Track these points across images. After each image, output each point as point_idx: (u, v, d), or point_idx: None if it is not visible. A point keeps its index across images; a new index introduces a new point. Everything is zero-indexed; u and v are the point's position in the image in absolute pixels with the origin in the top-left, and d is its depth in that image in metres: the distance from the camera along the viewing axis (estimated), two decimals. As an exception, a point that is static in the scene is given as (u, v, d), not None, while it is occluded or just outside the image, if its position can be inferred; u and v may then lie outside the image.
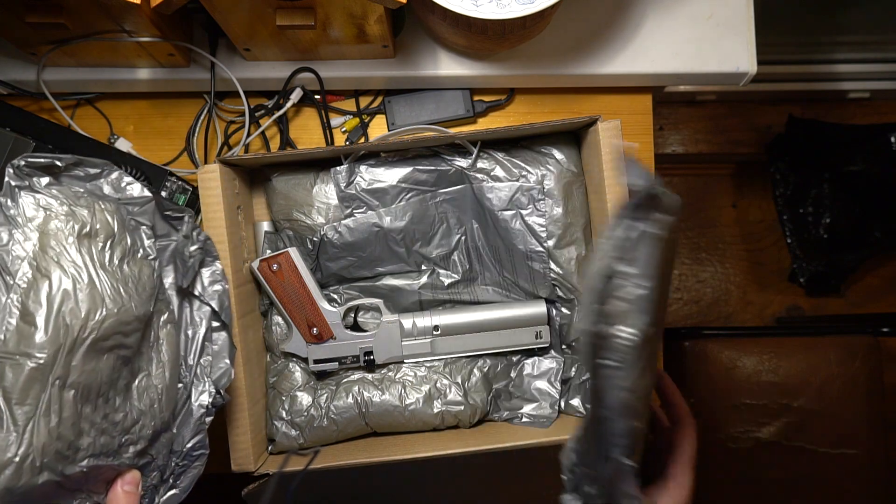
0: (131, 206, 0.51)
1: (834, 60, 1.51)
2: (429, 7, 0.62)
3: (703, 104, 1.63)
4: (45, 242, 0.43)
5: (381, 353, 0.69)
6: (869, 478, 1.11)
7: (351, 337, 0.69)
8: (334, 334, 0.69)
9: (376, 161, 0.70)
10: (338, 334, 0.69)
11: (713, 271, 1.67)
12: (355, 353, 0.69)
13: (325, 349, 0.69)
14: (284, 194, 0.70)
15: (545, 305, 0.70)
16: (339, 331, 0.69)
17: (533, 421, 0.70)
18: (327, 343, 0.69)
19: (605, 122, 0.62)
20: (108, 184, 0.51)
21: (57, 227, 0.44)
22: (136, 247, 0.49)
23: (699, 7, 0.74)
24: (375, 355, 0.69)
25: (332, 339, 0.69)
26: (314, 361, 0.69)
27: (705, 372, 1.15)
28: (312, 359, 0.69)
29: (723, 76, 0.74)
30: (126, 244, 0.48)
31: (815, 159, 1.56)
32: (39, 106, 0.78)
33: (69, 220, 0.45)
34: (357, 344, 0.69)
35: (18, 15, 0.62)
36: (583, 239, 0.69)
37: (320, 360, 0.69)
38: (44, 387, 0.41)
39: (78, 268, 0.44)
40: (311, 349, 0.68)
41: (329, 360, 0.69)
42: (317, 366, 0.69)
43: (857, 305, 1.64)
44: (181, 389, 0.54)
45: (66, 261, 0.44)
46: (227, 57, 0.73)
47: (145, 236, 0.51)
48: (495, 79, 0.75)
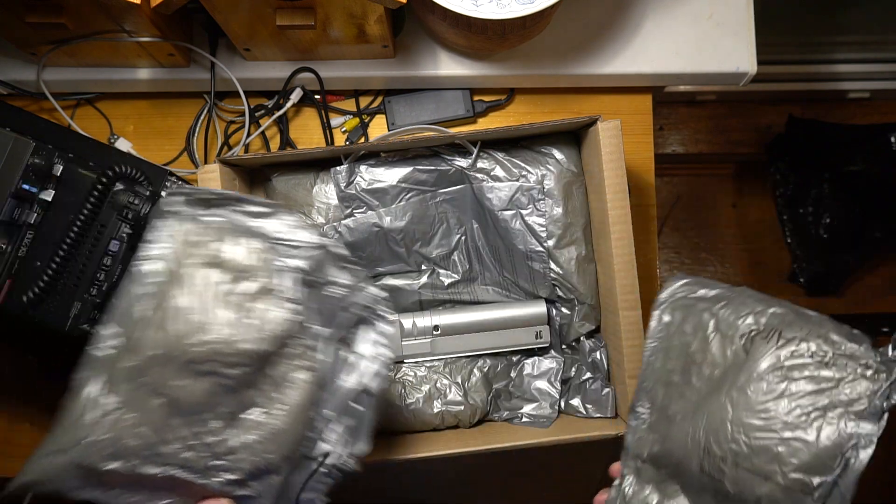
0: (288, 248, 0.50)
1: (834, 60, 1.51)
2: (429, 7, 0.62)
3: (703, 104, 1.63)
4: (178, 261, 0.47)
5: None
6: (869, 478, 1.11)
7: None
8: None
9: (376, 161, 0.70)
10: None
11: (713, 271, 1.67)
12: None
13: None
14: (284, 194, 0.70)
15: (545, 305, 0.70)
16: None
17: (533, 421, 0.69)
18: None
19: (605, 122, 0.62)
20: (274, 220, 0.50)
21: (191, 252, 0.47)
22: (273, 287, 0.49)
23: (699, 7, 0.74)
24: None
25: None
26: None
27: (705, 372, 1.15)
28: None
29: (723, 76, 0.74)
30: (262, 282, 0.48)
31: (815, 159, 1.56)
32: (39, 106, 0.78)
33: (204, 247, 0.48)
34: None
35: (18, 15, 0.62)
36: (583, 239, 0.69)
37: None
38: (133, 386, 0.45)
39: (198, 291, 0.47)
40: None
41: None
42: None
43: (857, 305, 1.64)
44: (310, 439, 0.52)
45: (189, 282, 0.46)
46: (227, 57, 0.73)
47: (291, 280, 0.50)
48: (495, 79, 0.75)
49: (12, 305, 0.61)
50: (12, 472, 0.79)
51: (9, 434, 0.80)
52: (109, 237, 0.64)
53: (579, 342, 0.71)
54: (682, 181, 1.68)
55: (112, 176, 0.63)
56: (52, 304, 0.62)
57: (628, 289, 0.63)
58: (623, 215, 0.62)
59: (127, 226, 0.64)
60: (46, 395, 0.79)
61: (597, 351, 0.70)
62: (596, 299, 0.70)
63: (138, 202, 0.63)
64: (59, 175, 0.62)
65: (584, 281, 0.69)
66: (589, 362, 0.70)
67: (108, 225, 0.63)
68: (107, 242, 0.64)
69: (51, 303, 0.62)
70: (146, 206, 0.63)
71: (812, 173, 1.57)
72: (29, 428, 0.79)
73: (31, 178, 0.60)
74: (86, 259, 0.63)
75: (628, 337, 0.63)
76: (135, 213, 0.63)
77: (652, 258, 0.78)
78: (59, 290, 0.63)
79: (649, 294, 0.77)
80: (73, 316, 0.63)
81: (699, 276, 0.53)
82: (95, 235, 0.63)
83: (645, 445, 0.50)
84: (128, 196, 0.63)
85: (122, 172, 0.64)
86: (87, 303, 0.63)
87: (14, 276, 0.61)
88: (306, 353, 0.51)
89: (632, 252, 0.62)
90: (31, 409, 0.79)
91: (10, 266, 0.61)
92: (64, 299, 0.63)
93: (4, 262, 0.60)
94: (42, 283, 0.61)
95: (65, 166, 0.62)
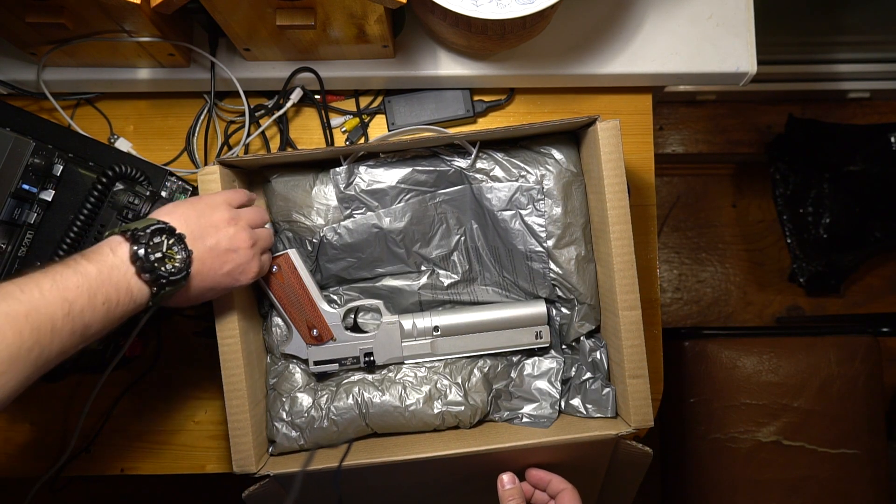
0: None
1: (834, 60, 1.51)
2: (429, 7, 0.62)
3: (703, 104, 1.63)
4: None
5: (381, 354, 0.69)
6: (869, 478, 1.10)
7: (351, 338, 0.69)
8: (334, 336, 0.68)
9: (376, 162, 0.70)
10: (338, 336, 0.69)
11: (713, 271, 1.67)
12: (355, 354, 0.69)
13: (325, 351, 0.68)
14: (284, 195, 0.70)
15: (545, 305, 0.70)
16: (340, 332, 0.69)
17: (533, 421, 0.69)
18: (327, 345, 0.68)
19: (604, 121, 0.62)
20: None
21: None
22: None
23: (699, 7, 0.74)
24: (376, 356, 0.69)
25: (332, 341, 0.69)
26: (314, 363, 0.68)
27: (705, 372, 1.15)
28: (312, 360, 0.68)
29: (723, 76, 0.74)
30: None
31: (815, 159, 1.56)
32: (39, 106, 0.78)
33: None
34: (357, 345, 0.69)
35: (18, 15, 0.62)
36: (582, 239, 0.69)
37: (320, 361, 0.68)
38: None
39: None
40: (311, 351, 0.68)
41: (329, 362, 0.69)
42: (317, 367, 0.68)
43: (857, 305, 1.64)
44: None
45: None
46: (227, 57, 0.73)
47: None
48: (495, 79, 0.75)
49: (12, 305, 0.61)
50: (12, 471, 0.80)
51: (9, 434, 0.80)
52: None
53: (579, 342, 0.71)
54: (682, 181, 1.68)
55: (112, 176, 0.63)
56: (52, 304, 0.62)
57: (628, 289, 0.62)
58: (623, 215, 0.62)
59: (127, 226, 0.64)
60: (46, 395, 0.79)
61: (597, 351, 0.70)
62: (596, 299, 0.70)
63: (138, 202, 0.63)
64: (59, 175, 0.62)
65: (583, 281, 0.69)
66: (589, 362, 0.70)
67: (108, 225, 0.63)
68: (107, 242, 0.64)
69: (51, 303, 0.62)
70: (146, 206, 0.63)
71: (812, 173, 1.57)
72: (29, 428, 0.79)
73: (31, 178, 0.60)
74: (86, 259, 0.63)
75: (628, 337, 0.63)
76: (135, 213, 0.63)
77: (652, 258, 0.78)
78: (59, 291, 0.62)
79: (649, 294, 0.78)
80: (73, 316, 0.63)
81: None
82: (95, 235, 0.63)
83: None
84: (128, 196, 0.63)
85: (122, 172, 0.64)
86: (87, 303, 0.63)
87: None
88: None
89: (631, 252, 0.62)
90: (31, 409, 0.79)
91: (10, 266, 0.61)
92: (64, 299, 0.63)
93: (4, 262, 0.60)
94: (42, 284, 0.61)
95: (65, 166, 0.62)
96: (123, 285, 0.49)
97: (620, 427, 0.64)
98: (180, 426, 0.79)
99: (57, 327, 0.44)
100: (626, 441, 0.64)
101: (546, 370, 0.71)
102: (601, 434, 0.63)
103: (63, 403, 0.78)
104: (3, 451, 0.80)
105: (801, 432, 1.12)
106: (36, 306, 0.43)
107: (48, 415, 0.79)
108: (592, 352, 0.70)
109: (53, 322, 0.44)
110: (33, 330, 0.43)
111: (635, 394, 0.63)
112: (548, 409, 0.70)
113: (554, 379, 0.71)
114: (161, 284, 0.50)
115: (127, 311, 0.50)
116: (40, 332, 0.43)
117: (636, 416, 0.63)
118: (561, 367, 0.71)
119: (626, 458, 0.66)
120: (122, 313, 0.49)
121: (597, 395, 0.69)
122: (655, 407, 0.72)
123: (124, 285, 0.49)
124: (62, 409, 0.79)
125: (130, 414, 0.79)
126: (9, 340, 0.41)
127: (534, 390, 0.71)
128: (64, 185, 0.63)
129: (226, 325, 0.63)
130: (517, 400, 0.71)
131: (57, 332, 0.44)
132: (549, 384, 0.71)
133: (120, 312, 0.49)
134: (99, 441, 0.78)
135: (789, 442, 1.12)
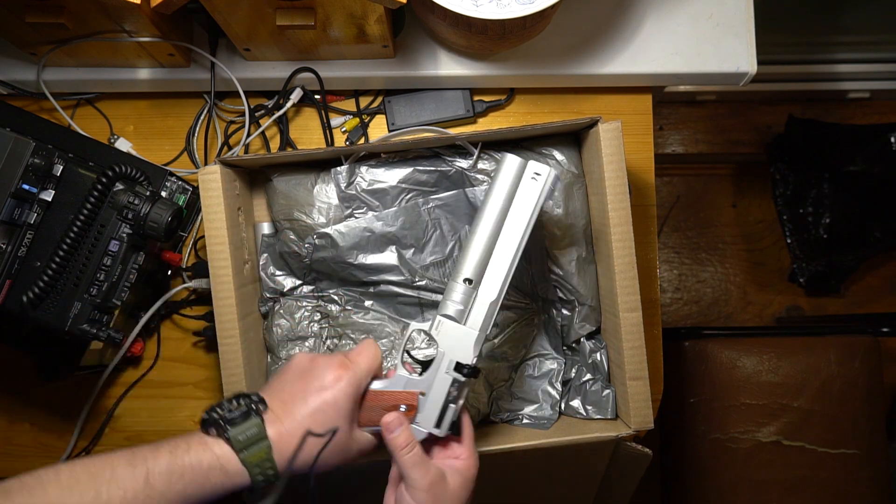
0: None
1: (834, 60, 1.51)
2: (429, 7, 0.62)
3: (703, 104, 1.62)
4: None
5: (460, 352, 0.55)
6: (869, 478, 1.11)
7: (430, 375, 0.55)
8: (418, 392, 0.54)
9: (377, 162, 0.70)
10: (420, 387, 0.54)
11: (713, 271, 1.67)
12: (448, 381, 0.54)
13: (430, 406, 0.54)
14: (285, 194, 0.70)
15: (512, 154, 0.57)
16: (416, 383, 0.54)
17: (533, 422, 0.69)
18: (426, 401, 0.54)
19: (606, 123, 0.62)
20: None
21: None
22: None
23: (699, 7, 0.74)
24: (461, 358, 0.55)
25: (423, 396, 0.54)
26: (436, 424, 0.54)
27: (705, 372, 1.15)
28: (428, 429, 0.54)
29: (723, 76, 0.74)
30: None
31: (815, 159, 1.56)
32: (39, 106, 0.78)
33: None
34: (441, 376, 0.54)
35: (18, 15, 0.62)
36: (583, 240, 0.69)
37: (437, 417, 0.54)
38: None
39: None
40: (420, 421, 0.54)
41: (445, 411, 0.54)
42: (446, 417, 0.54)
43: (857, 305, 1.64)
44: None
45: None
46: (227, 57, 0.73)
47: None
48: (495, 79, 0.75)
49: (12, 305, 0.61)
50: (13, 471, 0.79)
51: (9, 434, 0.80)
52: (109, 237, 0.64)
53: (580, 343, 0.71)
54: (682, 181, 1.68)
55: (112, 176, 0.63)
56: (52, 304, 0.62)
57: (629, 290, 0.62)
58: (623, 217, 0.62)
59: (127, 226, 0.64)
60: (46, 395, 0.79)
61: (597, 352, 0.70)
62: (596, 300, 0.70)
63: (138, 202, 0.63)
64: (59, 175, 0.62)
65: (584, 282, 0.69)
66: (589, 363, 0.70)
67: (108, 225, 0.63)
68: (107, 242, 0.64)
69: (51, 303, 0.62)
70: (146, 206, 0.63)
71: (812, 173, 1.57)
72: (29, 428, 0.79)
73: (31, 178, 0.60)
74: (86, 259, 0.63)
75: (629, 338, 0.63)
76: (135, 213, 0.63)
77: (652, 258, 0.78)
78: (59, 291, 0.63)
79: (649, 294, 0.78)
80: (72, 316, 0.63)
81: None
82: (95, 235, 0.63)
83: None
84: (128, 196, 0.63)
85: (122, 172, 0.64)
86: (87, 303, 0.63)
87: (14, 276, 0.61)
88: None
89: (632, 253, 0.62)
90: (32, 409, 0.79)
91: (10, 266, 0.61)
92: (64, 299, 0.63)
93: (4, 262, 0.60)
94: (42, 284, 0.61)
95: (65, 166, 0.62)
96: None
97: (620, 429, 0.64)
98: (180, 426, 0.79)
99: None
100: (625, 442, 0.64)
101: (546, 371, 0.71)
102: (601, 436, 0.63)
103: (63, 403, 0.78)
104: (3, 451, 0.80)
105: (801, 432, 1.12)
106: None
107: (48, 415, 0.79)
108: (593, 353, 0.70)
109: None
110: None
111: (635, 396, 0.63)
112: (548, 410, 0.70)
113: (555, 380, 0.71)
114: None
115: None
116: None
117: (636, 417, 0.63)
118: (561, 369, 0.71)
119: (626, 458, 0.66)
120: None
121: (597, 396, 0.69)
122: (655, 407, 0.72)
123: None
124: (62, 409, 0.79)
125: (130, 414, 0.79)
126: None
127: (534, 391, 0.71)
128: (64, 185, 0.63)
129: (226, 325, 0.63)
130: (517, 401, 0.71)
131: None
132: (550, 385, 0.71)
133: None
134: (99, 441, 0.78)
135: (789, 442, 1.12)
